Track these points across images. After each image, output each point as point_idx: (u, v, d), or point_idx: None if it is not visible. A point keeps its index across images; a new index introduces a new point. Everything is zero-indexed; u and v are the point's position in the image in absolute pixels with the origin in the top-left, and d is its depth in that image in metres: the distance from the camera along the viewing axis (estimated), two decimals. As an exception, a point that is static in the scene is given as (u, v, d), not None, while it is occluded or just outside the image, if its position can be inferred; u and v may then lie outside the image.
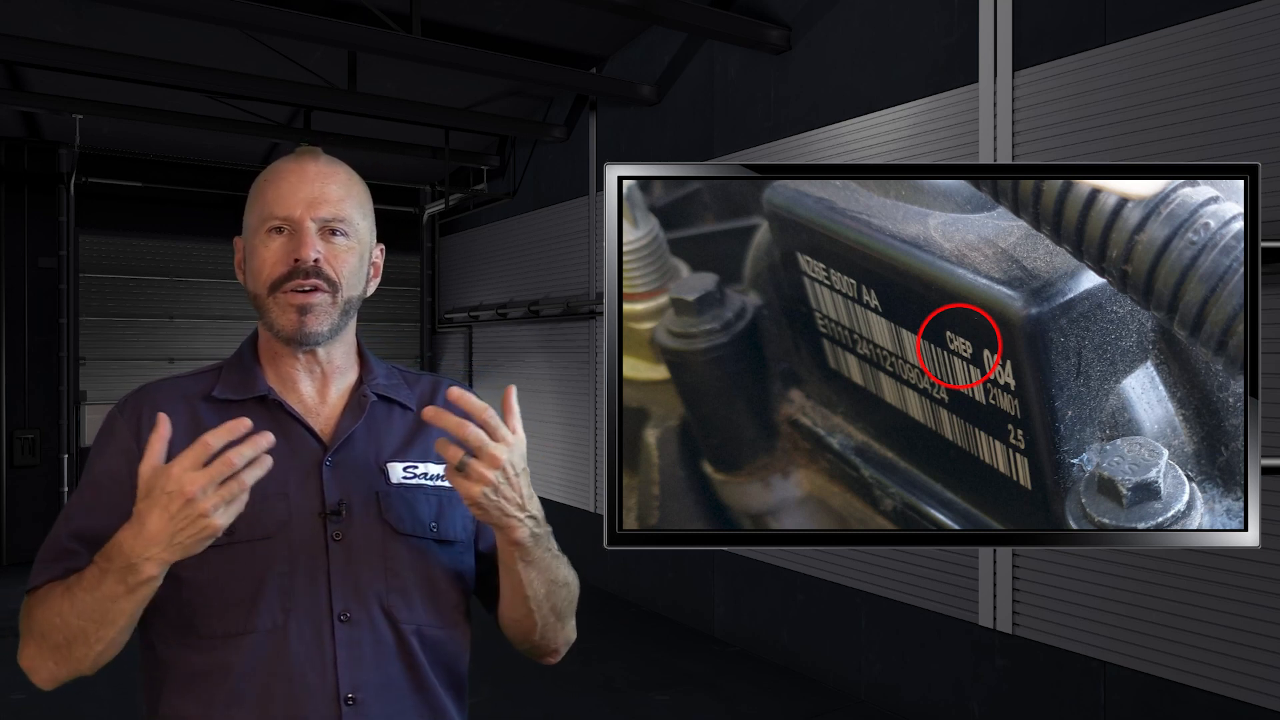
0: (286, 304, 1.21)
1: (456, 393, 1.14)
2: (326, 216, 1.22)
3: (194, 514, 1.01)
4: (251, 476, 1.03)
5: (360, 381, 1.32)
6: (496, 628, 1.37)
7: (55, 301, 7.43)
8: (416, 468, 1.29)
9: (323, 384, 1.29)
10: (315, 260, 1.20)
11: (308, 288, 1.21)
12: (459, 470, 1.11)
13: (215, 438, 1.02)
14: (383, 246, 1.35)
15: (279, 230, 1.22)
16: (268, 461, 1.04)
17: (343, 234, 1.24)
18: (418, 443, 1.32)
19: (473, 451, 1.11)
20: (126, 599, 1.07)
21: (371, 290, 1.32)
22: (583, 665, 4.99)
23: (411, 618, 1.23)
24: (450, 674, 1.29)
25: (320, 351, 1.27)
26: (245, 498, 1.04)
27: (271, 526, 1.19)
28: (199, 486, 1.01)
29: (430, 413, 1.12)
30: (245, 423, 1.04)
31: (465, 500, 1.14)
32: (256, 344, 1.31)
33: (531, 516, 1.18)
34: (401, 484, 1.27)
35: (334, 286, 1.23)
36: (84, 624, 1.09)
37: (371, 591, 1.21)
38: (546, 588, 1.27)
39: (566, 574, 1.31)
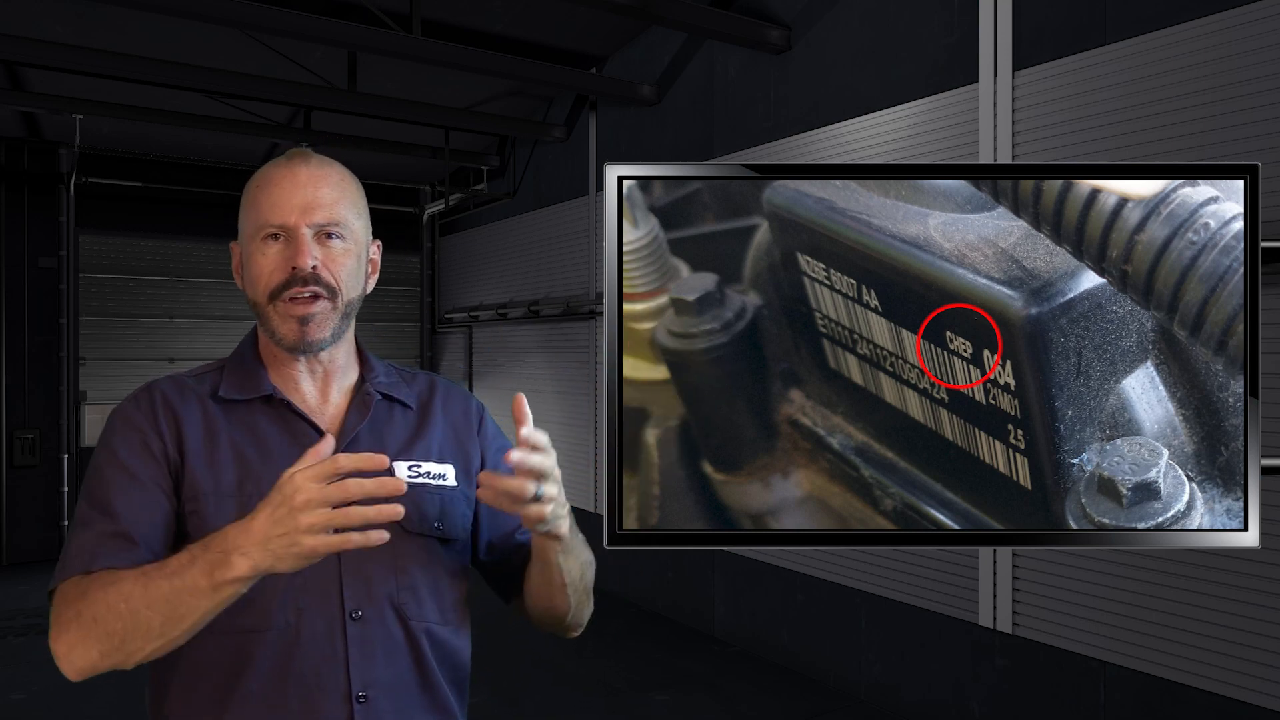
0: (287, 314, 1.21)
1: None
2: (321, 221, 1.22)
3: (293, 523, 0.98)
4: (362, 518, 0.99)
5: (362, 380, 1.33)
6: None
7: (55, 301, 7.43)
8: (420, 466, 1.29)
9: (324, 384, 1.30)
10: (313, 267, 1.20)
11: (307, 295, 1.21)
12: (534, 501, 1.12)
13: (349, 461, 0.99)
14: (379, 243, 1.35)
15: (275, 237, 1.22)
16: (398, 510, 1.01)
17: (339, 237, 1.23)
18: (420, 441, 1.32)
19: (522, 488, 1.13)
20: (207, 596, 1.02)
21: (370, 287, 1.32)
22: (582, 665, 4.99)
23: (421, 615, 1.25)
24: (454, 670, 1.30)
25: (323, 353, 1.27)
26: (354, 540, 1.00)
27: None
28: (306, 498, 0.98)
29: (516, 457, 1.12)
30: (382, 460, 1.01)
31: (530, 523, 1.15)
32: (257, 343, 1.31)
33: (567, 508, 1.22)
34: (407, 483, 1.26)
35: (333, 292, 1.23)
36: (152, 615, 1.03)
37: (383, 590, 1.22)
38: (579, 570, 1.31)
39: (587, 552, 1.35)
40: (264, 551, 0.99)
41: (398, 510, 1.01)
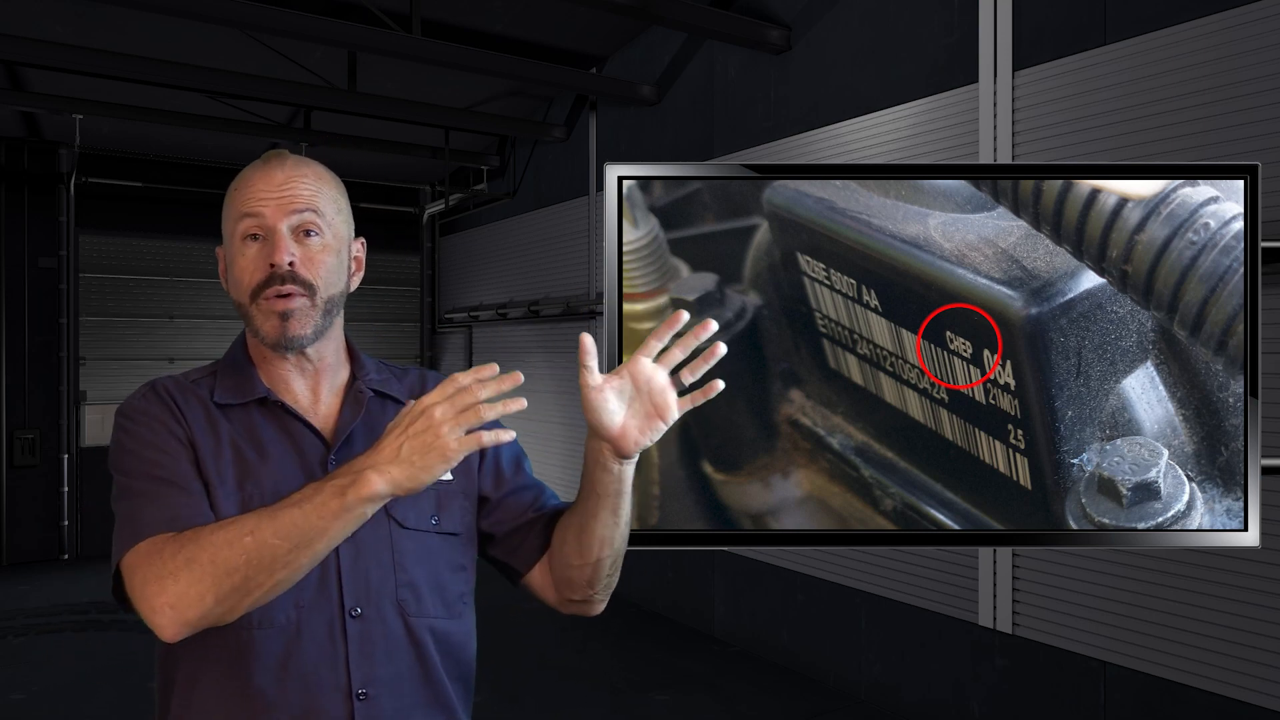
0: (269, 310, 1.22)
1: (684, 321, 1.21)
2: (298, 219, 1.23)
3: (427, 426, 1.03)
4: (493, 413, 1.04)
5: (354, 378, 1.34)
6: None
7: (55, 301, 7.43)
8: None
9: (315, 382, 1.30)
10: (290, 264, 1.21)
11: (285, 293, 1.22)
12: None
13: (465, 376, 1.05)
14: (362, 240, 1.35)
15: (254, 238, 1.23)
16: (521, 402, 1.07)
17: (317, 233, 1.24)
18: None
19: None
20: (338, 518, 1.04)
21: (355, 284, 1.33)
22: (582, 664, 4.99)
23: (421, 611, 1.25)
24: (458, 665, 1.31)
25: (310, 351, 1.28)
26: (485, 439, 1.05)
27: None
28: (443, 410, 1.03)
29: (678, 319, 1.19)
30: (493, 367, 1.07)
31: (667, 415, 1.20)
32: (246, 346, 1.32)
33: None
34: None
35: (311, 290, 1.23)
36: (279, 544, 1.04)
37: (382, 587, 1.23)
38: (627, 525, 1.29)
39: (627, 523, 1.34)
40: (401, 467, 1.03)
41: (521, 402, 1.07)
